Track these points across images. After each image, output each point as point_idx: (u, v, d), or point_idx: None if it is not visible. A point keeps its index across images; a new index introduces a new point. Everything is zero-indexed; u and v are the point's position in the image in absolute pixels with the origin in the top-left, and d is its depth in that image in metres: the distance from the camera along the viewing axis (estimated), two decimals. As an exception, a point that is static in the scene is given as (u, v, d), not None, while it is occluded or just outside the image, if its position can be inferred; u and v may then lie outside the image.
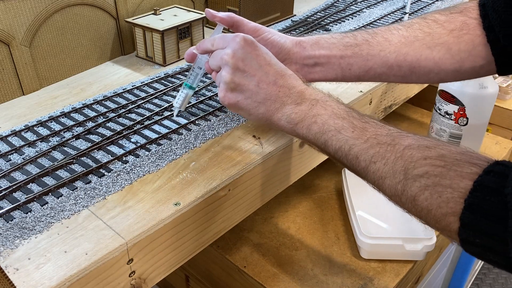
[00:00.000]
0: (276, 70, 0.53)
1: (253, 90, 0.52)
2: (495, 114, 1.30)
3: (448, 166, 0.40)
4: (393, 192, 0.44)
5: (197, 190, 0.51)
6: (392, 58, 0.59)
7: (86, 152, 0.56)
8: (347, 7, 1.08)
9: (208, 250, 0.83)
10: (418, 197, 0.41)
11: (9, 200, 0.49)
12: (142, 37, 0.82)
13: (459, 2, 1.15)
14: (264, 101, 0.52)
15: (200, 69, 0.60)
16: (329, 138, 0.49)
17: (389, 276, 0.77)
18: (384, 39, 0.60)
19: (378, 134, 0.46)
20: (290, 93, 0.52)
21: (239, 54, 0.52)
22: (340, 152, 0.48)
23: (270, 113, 0.53)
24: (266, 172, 0.60)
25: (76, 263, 0.42)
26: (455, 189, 0.38)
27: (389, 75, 0.60)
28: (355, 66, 0.60)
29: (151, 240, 0.47)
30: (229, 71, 0.53)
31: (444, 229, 0.40)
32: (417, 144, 0.43)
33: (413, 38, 0.59)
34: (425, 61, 0.58)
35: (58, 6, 0.72)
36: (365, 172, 0.47)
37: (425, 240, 0.78)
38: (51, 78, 0.76)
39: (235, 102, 0.54)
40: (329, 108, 0.50)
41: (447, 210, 0.39)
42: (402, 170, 0.42)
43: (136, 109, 0.67)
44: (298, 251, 0.81)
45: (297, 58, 0.61)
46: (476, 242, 0.38)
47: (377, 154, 0.45)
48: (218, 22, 0.60)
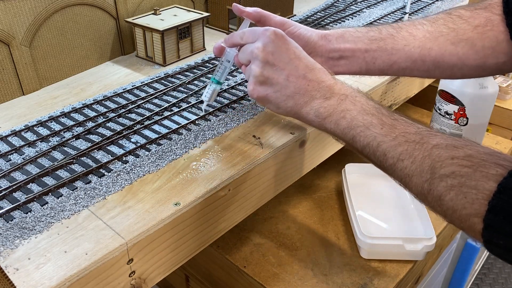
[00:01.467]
0: (306, 64, 0.53)
1: (282, 83, 0.53)
2: (495, 114, 1.30)
3: (474, 166, 0.40)
4: (419, 190, 0.44)
5: (197, 190, 0.51)
6: (417, 52, 0.59)
7: (86, 152, 0.56)
8: (347, 7, 1.08)
9: (208, 250, 0.83)
10: (444, 197, 0.41)
11: (9, 200, 0.49)
12: (142, 37, 0.82)
13: (459, 1, 1.15)
14: (293, 95, 0.53)
15: (229, 62, 0.60)
16: (357, 134, 0.49)
17: (389, 276, 0.77)
18: (409, 34, 0.60)
19: (407, 132, 0.46)
20: (319, 87, 0.52)
21: (269, 48, 0.53)
22: (368, 148, 0.49)
23: (298, 107, 0.53)
24: (266, 172, 0.60)
25: (76, 263, 0.42)
26: (480, 191, 0.38)
27: (413, 70, 0.61)
28: (379, 60, 0.61)
29: (151, 240, 0.47)
30: (259, 64, 0.53)
31: (468, 229, 0.40)
32: (445, 143, 0.43)
33: (438, 33, 0.59)
34: (449, 57, 0.59)
35: (58, 6, 0.72)
36: (393, 169, 0.47)
37: (425, 240, 0.78)
38: (51, 78, 0.76)
39: (264, 95, 0.54)
40: (358, 104, 0.51)
41: (472, 211, 0.39)
42: (429, 169, 0.43)
43: (136, 109, 0.67)
44: (298, 251, 0.81)
45: (322, 51, 0.61)
46: (499, 243, 0.38)
47: (405, 152, 0.45)
48: (245, 17, 0.60)
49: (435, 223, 0.82)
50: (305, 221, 0.88)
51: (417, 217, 0.85)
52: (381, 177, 0.94)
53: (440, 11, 0.63)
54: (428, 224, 0.81)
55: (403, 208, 0.88)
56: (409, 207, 0.88)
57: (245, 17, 0.60)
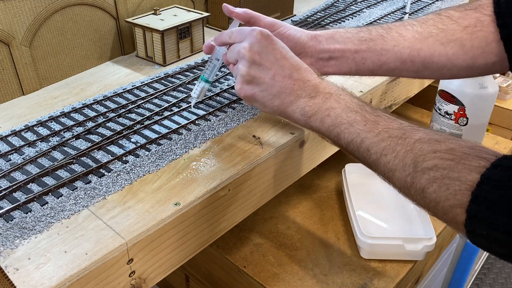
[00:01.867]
0: (292, 63, 0.54)
1: (268, 83, 0.54)
2: (495, 114, 1.30)
3: (456, 159, 0.40)
4: (402, 184, 0.45)
5: (197, 190, 0.51)
6: (406, 53, 0.60)
7: (86, 152, 0.56)
8: (347, 7, 1.08)
9: (208, 250, 0.83)
10: (427, 189, 0.42)
11: (9, 200, 0.49)
12: (142, 37, 0.82)
13: (460, 1, 1.15)
14: (279, 94, 0.54)
15: (218, 60, 0.61)
16: (341, 131, 0.50)
17: (389, 276, 0.77)
18: (399, 35, 0.61)
19: (390, 128, 0.47)
20: (305, 87, 0.53)
21: (256, 47, 0.53)
22: (352, 144, 0.49)
23: (284, 106, 0.54)
24: (266, 172, 0.60)
25: (76, 263, 0.42)
26: (462, 182, 0.39)
27: (402, 70, 0.61)
28: (369, 60, 0.61)
29: (151, 240, 0.47)
30: (245, 64, 0.54)
31: (451, 221, 0.41)
32: (428, 138, 0.44)
33: (427, 34, 0.60)
34: (438, 57, 0.59)
35: (58, 6, 0.72)
36: (376, 165, 0.48)
37: (425, 240, 0.78)
38: (51, 78, 0.76)
39: (251, 94, 0.55)
40: (342, 102, 0.51)
41: (455, 202, 0.40)
42: (412, 163, 0.43)
43: (136, 109, 0.67)
44: (298, 251, 0.81)
45: (312, 52, 0.61)
46: (482, 234, 0.38)
47: (388, 147, 0.46)
48: (234, 18, 0.61)
49: (435, 223, 0.82)
50: (305, 221, 0.88)
51: (417, 217, 0.85)
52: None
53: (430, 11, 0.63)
54: (428, 224, 0.81)
55: (403, 208, 0.88)
56: (409, 207, 0.88)
57: (234, 18, 0.60)
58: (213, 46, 0.60)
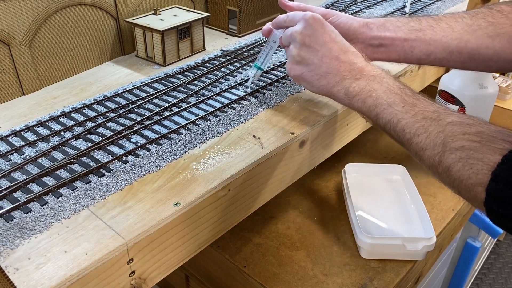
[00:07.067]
0: (340, 47, 0.58)
1: (316, 63, 0.58)
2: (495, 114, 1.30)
3: (483, 141, 0.42)
4: (431, 162, 0.47)
5: (197, 190, 0.51)
6: (454, 44, 0.62)
7: (86, 152, 0.57)
8: (347, 7, 1.08)
9: (208, 250, 0.83)
10: (452, 168, 0.44)
11: (9, 200, 0.49)
12: (142, 37, 0.82)
13: (460, 1, 1.15)
14: (326, 74, 0.57)
15: (274, 43, 0.66)
16: (381, 111, 0.53)
17: (389, 276, 0.77)
18: (448, 26, 0.63)
19: (426, 110, 0.50)
20: (351, 68, 0.56)
21: (307, 31, 0.58)
22: (390, 124, 0.52)
23: (330, 86, 0.57)
24: (266, 172, 0.60)
25: (76, 263, 0.42)
26: (485, 162, 0.41)
27: (449, 60, 0.63)
28: (417, 49, 0.63)
29: (151, 240, 0.47)
30: (296, 46, 0.59)
31: (473, 199, 0.43)
32: (460, 121, 0.46)
33: (476, 26, 0.62)
34: (485, 49, 0.61)
35: (58, 6, 0.72)
36: (409, 144, 0.50)
37: (425, 240, 0.78)
38: (51, 78, 0.76)
39: (300, 74, 0.59)
40: (384, 84, 0.54)
41: (476, 181, 0.41)
42: (442, 143, 0.46)
43: (136, 109, 0.67)
44: (298, 251, 0.81)
45: (363, 38, 0.65)
46: (499, 212, 0.40)
47: (422, 127, 0.48)
48: (288, 11, 0.65)
49: (435, 223, 0.82)
50: (305, 221, 0.88)
51: (417, 217, 0.85)
52: (381, 177, 0.95)
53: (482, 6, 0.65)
54: (428, 224, 0.81)
55: (403, 208, 0.88)
56: (409, 207, 0.88)
57: (288, 11, 0.64)
58: (271, 30, 0.66)
